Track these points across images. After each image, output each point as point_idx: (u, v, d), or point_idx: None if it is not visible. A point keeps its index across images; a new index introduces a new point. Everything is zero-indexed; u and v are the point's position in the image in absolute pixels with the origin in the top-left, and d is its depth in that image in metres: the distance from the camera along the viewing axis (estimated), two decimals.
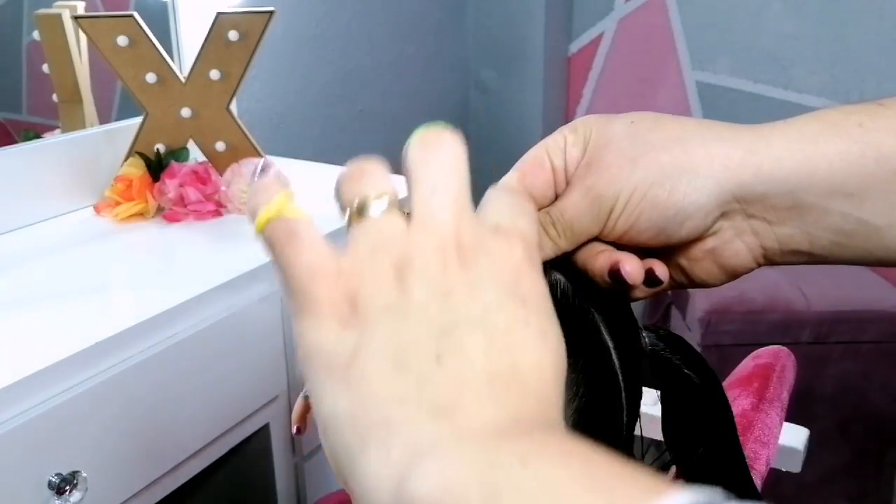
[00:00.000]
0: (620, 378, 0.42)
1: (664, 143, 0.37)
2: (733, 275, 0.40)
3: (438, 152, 0.30)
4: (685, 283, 0.41)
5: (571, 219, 0.39)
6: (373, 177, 0.30)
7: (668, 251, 0.40)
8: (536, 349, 0.26)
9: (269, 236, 0.29)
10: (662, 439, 0.49)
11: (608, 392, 0.41)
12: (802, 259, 0.38)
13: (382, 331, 0.26)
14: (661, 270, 0.39)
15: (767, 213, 0.37)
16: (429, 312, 0.26)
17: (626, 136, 0.38)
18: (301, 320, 0.28)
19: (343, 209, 0.30)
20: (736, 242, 0.39)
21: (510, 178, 0.41)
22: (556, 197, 0.40)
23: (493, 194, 0.31)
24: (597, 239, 0.40)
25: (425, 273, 0.27)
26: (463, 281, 0.27)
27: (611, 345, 0.41)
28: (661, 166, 0.36)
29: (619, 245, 0.39)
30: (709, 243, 0.39)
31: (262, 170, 0.34)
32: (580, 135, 0.40)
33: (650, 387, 0.48)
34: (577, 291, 0.41)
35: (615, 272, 0.38)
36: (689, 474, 0.47)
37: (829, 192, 0.35)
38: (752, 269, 0.40)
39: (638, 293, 0.41)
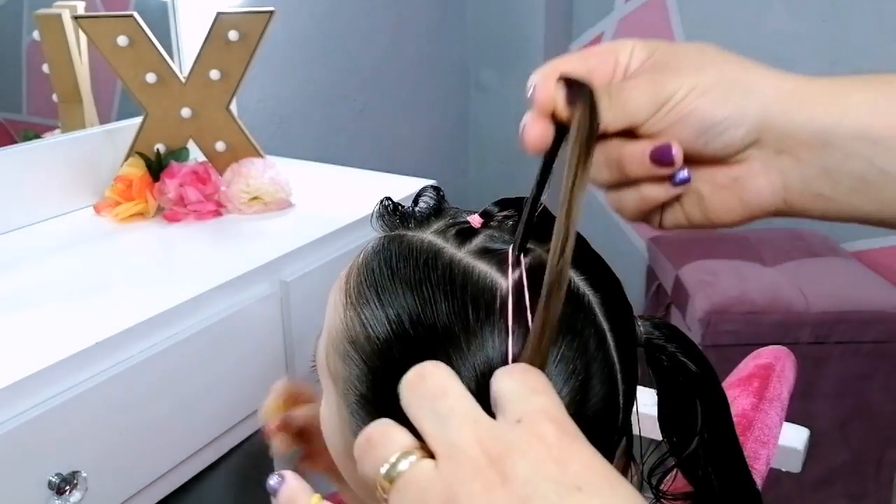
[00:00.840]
0: (616, 360, 0.42)
1: (728, 60, 0.40)
2: (749, 214, 0.41)
3: (423, 383, 0.30)
4: (701, 219, 0.42)
5: (629, 96, 0.39)
6: (384, 439, 0.30)
7: (692, 174, 0.41)
8: None
9: None
10: (662, 439, 0.49)
11: (604, 374, 0.41)
12: (818, 207, 0.40)
13: None
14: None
15: (798, 148, 0.39)
16: None
17: (695, 50, 0.40)
18: None
19: (376, 486, 0.29)
20: (760, 178, 0.40)
21: (570, 60, 0.41)
22: None
23: (500, 384, 0.30)
24: (631, 136, 0.40)
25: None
26: (513, 497, 0.26)
27: (606, 327, 0.42)
28: (723, 74, 0.39)
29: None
30: (735, 171, 0.40)
31: (276, 487, 0.34)
32: (648, 44, 0.41)
33: (647, 383, 0.48)
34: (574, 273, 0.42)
35: (664, 149, 0.39)
36: (688, 467, 0.47)
37: (856, 135, 0.37)
38: (769, 213, 0.41)
39: (664, 193, 0.41)
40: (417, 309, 0.39)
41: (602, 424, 0.41)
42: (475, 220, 0.44)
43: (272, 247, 1.01)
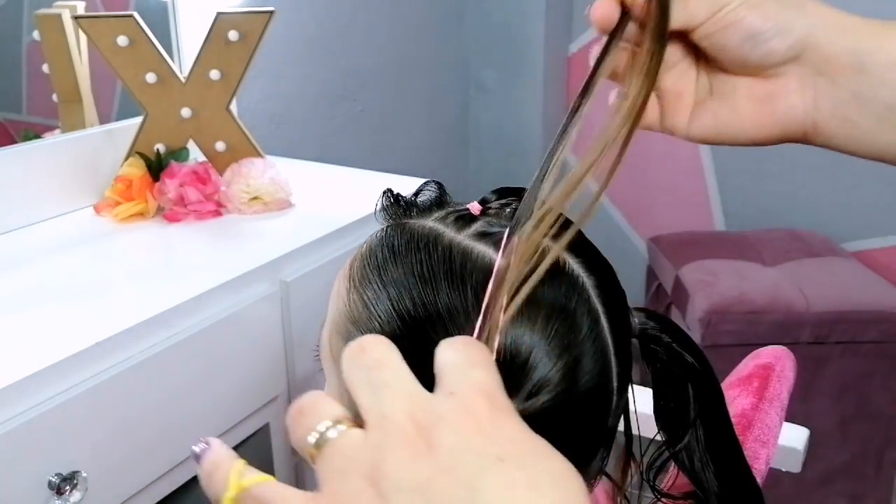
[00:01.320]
0: (610, 342, 0.42)
1: None
2: (779, 131, 0.43)
3: (363, 355, 0.30)
4: (730, 130, 0.44)
5: None
6: (314, 409, 0.30)
7: (730, 85, 0.43)
8: None
9: None
10: (660, 437, 0.49)
11: (597, 353, 0.41)
12: (843, 133, 0.42)
13: None
14: None
15: (835, 72, 0.41)
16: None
17: None
18: None
19: (304, 454, 0.29)
20: (795, 96, 0.42)
21: None
22: None
23: (441, 355, 0.30)
24: (682, 39, 0.43)
25: (398, 475, 0.26)
26: (436, 466, 0.26)
27: (601, 309, 0.42)
28: None
29: (698, 56, 0.44)
30: (772, 85, 0.42)
31: (199, 453, 0.33)
32: None
33: (648, 384, 0.48)
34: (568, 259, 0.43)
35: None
36: (684, 459, 0.47)
37: (890, 63, 0.40)
38: (796, 136, 0.43)
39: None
40: (418, 287, 0.41)
41: (594, 403, 0.42)
42: (474, 207, 0.46)
43: (272, 247, 1.01)
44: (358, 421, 0.29)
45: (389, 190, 0.49)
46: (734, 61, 0.42)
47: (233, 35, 1.12)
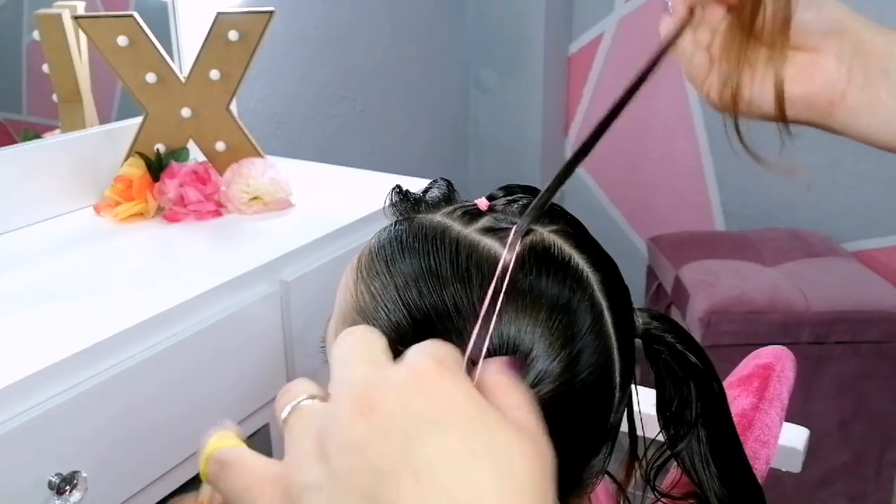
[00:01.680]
0: (613, 336, 0.43)
1: None
2: (813, 89, 0.45)
3: (348, 337, 0.32)
4: (768, 87, 0.46)
5: None
6: (296, 387, 0.31)
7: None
8: (465, 476, 0.25)
9: (209, 476, 0.31)
10: (662, 438, 0.49)
11: (598, 346, 0.42)
12: (869, 110, 0.44)
13: None
14: None
15: (869, 55, 0.44)
16: (352, 477, 0.26)
17: None
18: None
19: (282, 433, 0.30)
20: (832, 61, 0.45)
21: None
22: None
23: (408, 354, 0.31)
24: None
25: (339, 436, 0.27)
26: (374, 426, 0.26)
27: (604, 304, 0.43)
28: None
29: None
30: (813, 56, 0.45)
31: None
32: None
33: (650, 384, 0.48)
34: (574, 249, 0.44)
35: None
36: (686, 458, 0.47)
37: None
38: (827, 100, 0.45)
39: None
40: (425, 278, 0.41)
41: (596, 397, 0.42)
42: (482, 203, 0.46)
43: (272, 247, 1.01)
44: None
45: (398, 186, 0.49)
46: (784, 37, 0.45)
47: (233, 35, 1.12)
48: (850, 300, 1.72)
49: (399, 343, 0.38)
